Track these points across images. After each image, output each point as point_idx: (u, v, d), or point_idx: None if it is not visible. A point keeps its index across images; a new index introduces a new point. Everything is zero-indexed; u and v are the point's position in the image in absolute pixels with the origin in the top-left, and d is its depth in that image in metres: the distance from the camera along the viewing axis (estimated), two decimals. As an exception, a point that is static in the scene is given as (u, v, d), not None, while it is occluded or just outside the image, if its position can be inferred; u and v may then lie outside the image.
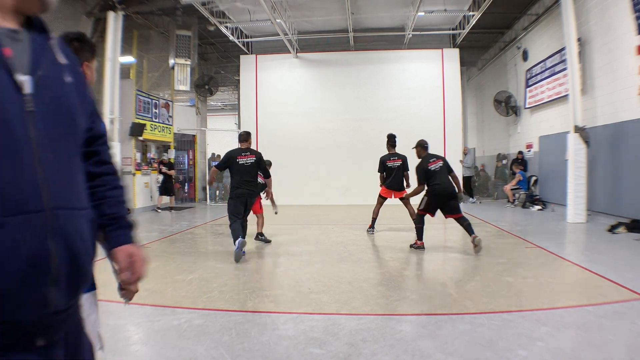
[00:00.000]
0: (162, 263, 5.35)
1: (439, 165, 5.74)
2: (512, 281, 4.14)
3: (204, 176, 14.68)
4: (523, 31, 11.92)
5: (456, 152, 12.85)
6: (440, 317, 3.28)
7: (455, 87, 13.00)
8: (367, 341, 2.84)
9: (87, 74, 1.53)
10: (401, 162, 7.07)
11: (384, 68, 13.14)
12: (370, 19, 12.21)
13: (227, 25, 11.84)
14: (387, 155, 7.17)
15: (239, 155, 5.45)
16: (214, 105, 21.58)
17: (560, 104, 9.88)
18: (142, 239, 6.12)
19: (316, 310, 3.51)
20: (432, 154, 5.96)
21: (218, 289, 4.07)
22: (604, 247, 5.86)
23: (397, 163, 7.05)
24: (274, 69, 13.55)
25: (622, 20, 7.47)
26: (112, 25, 8.97)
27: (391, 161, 7.08)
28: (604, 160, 8.28)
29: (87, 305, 1.46)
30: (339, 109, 13.17)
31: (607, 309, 3.33)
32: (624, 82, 7.50)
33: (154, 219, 9.74)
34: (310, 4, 10.99)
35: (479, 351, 2.65)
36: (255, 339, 2.90)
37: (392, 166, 7.07)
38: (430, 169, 5.70)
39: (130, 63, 11.47)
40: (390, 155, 7.15)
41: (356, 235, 7.34)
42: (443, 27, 12.78)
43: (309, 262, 5.25)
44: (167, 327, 3.13)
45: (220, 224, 8.95)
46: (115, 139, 9.10)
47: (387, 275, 4.60)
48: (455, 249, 6.34)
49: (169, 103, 13.08)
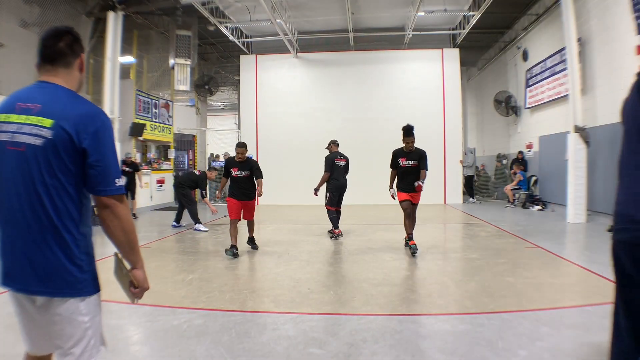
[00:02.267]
0: (162, 263, 5.35)
1: (343, 164, 7.04)
2: (512, 281, 4.13)
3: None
4: (523, 31, 11.92)
5: (456, 152, 12.88)
6: (440, 317, 3.28)
7: (455, 87, 13.00)
8: (367, 341, 2.84)
9: (82, 66, 1.55)
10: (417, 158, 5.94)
11: (384, 68, 13.14)
12: (370, 19, 12.21)
13: (227, 25, 11.84)
14: (399, 151, 5.96)
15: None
16: (214, 105, 21.59)
17: (560, 104, 9.88)
18: (142, 239, 6.08)
19: (316, 310, 3.51)
20: (340, 153, 7.15)
21: (218, 289, 4.07)
22: (604, 247, 5.84)
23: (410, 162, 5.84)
24: (274, 69, 13.55)
25: (622, 20, 7.46)
26: (112, 25, 8.97)
27: (403, 160, 5.87)
28: (604, 160, 8.27)
29: (92, 307, 1.47)
30: (339, 109, 13.17)
31: (607, 309, 3.30)
32: (624, 82, 7.48)
33: (153, 219, 9.73)
34: (310, 4, 10.99)
35: (479, 351, 2.65)
36: (255, 339, 2.90)
37: (405, 165, 5.84)
38: (335, 164, 6.93)
39: (130, 63, 11.46)
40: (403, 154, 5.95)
41: (356, 235, 7.34)
42: (443, 27, 12.78)
43: (309, 262, 5.25)
44: (167, 327, 3.13)
45: (221, 224, 8.95)
46: (115, 139, 9.09)
47: (387, 275, 4.60)
48: (455, 249, 6.34)
49: (169, 103, 13.08)
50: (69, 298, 1.40)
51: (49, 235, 1.38)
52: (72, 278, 1.40)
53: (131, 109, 10.98)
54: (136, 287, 1.53)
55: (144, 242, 6.66)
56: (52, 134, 1.36)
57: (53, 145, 1.36)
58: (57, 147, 1.36)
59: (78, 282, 1.42)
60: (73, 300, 1.41)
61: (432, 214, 10.31)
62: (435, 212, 10.79)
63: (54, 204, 1.38)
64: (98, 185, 1.41)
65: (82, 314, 1.42)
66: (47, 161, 1.36)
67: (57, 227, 1.38)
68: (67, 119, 1.38)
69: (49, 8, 8.75)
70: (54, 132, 1.36)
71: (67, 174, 1.39)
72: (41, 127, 1.37)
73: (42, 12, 8.71)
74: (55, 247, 1.38)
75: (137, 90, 11.40)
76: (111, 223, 1.43)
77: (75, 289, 1.41)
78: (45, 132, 1.36)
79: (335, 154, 7.13)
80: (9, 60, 8.11)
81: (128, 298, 1.57)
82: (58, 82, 1.48)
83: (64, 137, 1.36)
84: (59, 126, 1.36)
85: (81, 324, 1.42)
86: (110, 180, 1.41)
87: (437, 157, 12.87)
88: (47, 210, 1.37)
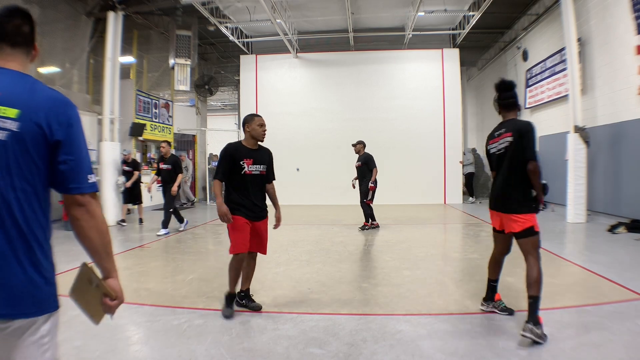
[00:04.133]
0: (162, 263, 5.35)
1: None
2: (512, 281, 4.13)
3: (204, 176, 14.68)
4: (523, 31, 11.92)
5: (456, 152, 12.89)
6: (440, 317, 3.28)
7: (455, 87, 13.01)
8: (367, 341, 2.84)
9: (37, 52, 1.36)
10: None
11: (384, 68, 13.14)
12: (370, 19, 12.21)
13: (227, 25, 11.84)
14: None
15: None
16: (214, 105, 21.58)
17: (560, 104, 9.88)
18: (144, 239, 6.11)
19: (316, 310, 3.51)
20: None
21: (218, 289, 4.07)
22: (604, 247, 5.85)
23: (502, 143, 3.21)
24: (274, 69, 13.56)
25: (622, 20, 7.46)
26: (112, 25, 8.97)
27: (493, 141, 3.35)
28: (604, 160, 8.28)
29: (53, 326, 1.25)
30: (339, 109, 13.18)
31: (607, 309, 3.33)
32: (624, 82, 7.50)
33: (154, 219, 9.73)
34: (310, 4, 10.99)
35: (479, 351, 2.65)
36: (255, 339, 2.90)
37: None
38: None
39: (130, 63, 11.46)
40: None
41: (356, 235, 7.34)
42: (443, 27, 12.79)
43: (309, 262, 5.25)
44: (167, 327, 3.13)
45: (220, 224, 8.95)
46: (115, 139, 9.10)
47: (387, 275, 4.59)
48: (455, 249, 6.34)
49: (169, 103, 13.09)
50: (33, 318, 1.19)
51: (18, 247, 1.17)
52: (40, 293, 1.20)
53: (131, 109, 10.98)
54: (113, 299, 1.31)
55: (144, 242, 6.67)
56: (19, 126, 1.16)
57: (20, 140, 1.16)
58: (25, 141, 1.16)
59: (45, 298, 1.22)
60: (36, 319, 1.20)
61: (432, 214, 10.31)
62: (435, 212, 10.79)
63: (22, 210, 1.17)
64: (71, 182, 1.23)
65: (43, 335, 1.21)
66: (15, 159, 1.16)
67: (26, 237, 1.18)
68: (35, 108, 1.19)
69: (49, 8, 8.73)
70: (21, 124, 1.16)
71: (35, 173, 1.19)
72: (5, 118, 1.16)
73: (42, 12, 8.69)
74: (25, 261, 1.17)
75: (137, 90, 11.41)
76: (86, 223, 1.25)
77: (41, 307, 1.21)
78: (10, 124, 1.16)
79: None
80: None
81: (91, 319, 1.32)
82: (17, 68, 1.26)
83: (34, 130, 1.17)
84: (27, 117, 1.17)
85: (41, 346, 1.20)
86: (83, 176, 1.25)
87: (437, 157, 12.90)
88: (14, 218, 1.16)
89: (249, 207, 3.39)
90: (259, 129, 3.45)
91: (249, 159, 3.37)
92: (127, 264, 5.22)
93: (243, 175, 3.35)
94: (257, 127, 3.44)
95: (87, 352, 2.70)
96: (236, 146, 3.44)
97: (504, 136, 3.11)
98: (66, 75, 9.80)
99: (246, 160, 3.36)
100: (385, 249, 6.08)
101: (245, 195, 3.38)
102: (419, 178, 12.73)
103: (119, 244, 6.57)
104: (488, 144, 3.30)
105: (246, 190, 3.38)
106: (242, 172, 3.34)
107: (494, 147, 3.21)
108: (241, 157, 3.36)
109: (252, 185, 3.41)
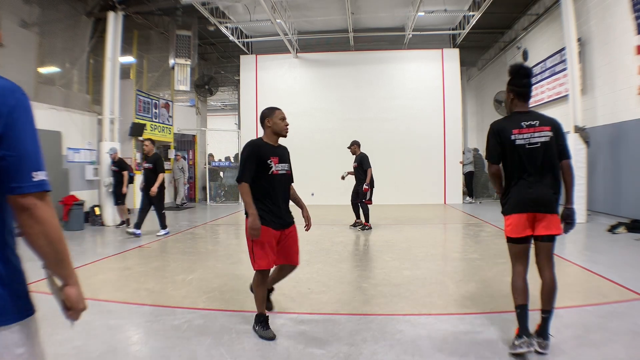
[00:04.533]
0: (162, 263, 5.35)
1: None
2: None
3: (204, 176, 14.68)
4: (523, 31, 11.92)
5: (456, 152, 12.88)
6: (441, 317, 3.28)
7: (455, 87, 13.00)
8: (367, 341, 2.84)
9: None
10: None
11: (384, 68, 13.14)
12: (370, 19, 12.22)
13: (227, 25, 11.84)
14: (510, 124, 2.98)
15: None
16: (214, 105, 21.58)
17: (560, 104, 9.87)
18: (143, 239, 6.08)
19: (316, 310, 3.51)
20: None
21: (218, 289, 4.07)
22: (604, 247, 5.85)
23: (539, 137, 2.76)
24: (274, 69, 13.55)
25: (622, 20, 7.46)
26: (112, 25, 8.97)
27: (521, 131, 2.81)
28: (604, 160, 8.28)
29: (29, 334, 1.15)
30: (338, 109, 13.18)
31: (607, 309, 3.33)
32: (624, 82, 7.50)
33: (154, 219, 9.72)
34: (310, 4, 10.99)
35: (478, 351, 2.65)
36: (255, 339, 2.90)
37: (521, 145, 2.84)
38: None
39: (130, 63, 11.47)
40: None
41: (356, 235, 7.34)
42: (443, 27, 12.79)
43: (309, 262, 5.24)
44: (167, 327, 3.13)
45: (220, 224, 8.95)
46: (115, 139, 9.10)
47: (387, 275, 4.59)
48: (455, 249, 6.34)
49: (169, 103, 13.08)
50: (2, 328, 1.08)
51: None
52: (5, 302, 1.09)
53: (131, 109, 10.98)
54: (69, 308, 1.21)
55: (144, 242, 6.66)
56: None
57: None
58: None
59: (13, 305, 1.10)
60: (6, 329, 1.08)
61: (432, 214, 10.31)
62: (436, 212, 10.78)
63: None
64: (12, 181, 1.06)
65: (17, 345, 1.10)
66: None
67: None
68: None
69: (49, 8, 8.74)
70: None
71: None
72: None
73: (42, 12, 8.70)
74: None
75: (137, 90, 11.41)
76: (31, 230, 1.08)
77: (9, 315, 1.09)
78: None
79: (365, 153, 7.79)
80: (9, 61, 8.11)
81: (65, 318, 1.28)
82: None
83: None
84: None
85: (17, 357, 1.10)
86: (25, 173, 1.07)
87: (437, 157, 12.89)
88: None
89: (277, 214, 2.95)
90: (281, 123, 3.09)
91: (274, 157, 2.96)
92: (127, 264, 5.22)
93: (270, 176, 2.91)
94: (279, 120, 3.09)
95: (87, 352, 2.70)
96: (259, 143, 3.01)
97: (542, 129, 2.65)
98: (66, 75, 9.80)
99: (273, 159, 2.94)
100: (385, 249, 6.08)
101: (273, 200, 2.94)
102: (419, 178, 12.73)
103: (119, 244, 6.58)
104: (511, 132, 2.66)
105: (274, 193, 2.95)
106: (270, 172, 2.91)
107: (524, 139, 2.64)
108: (267, 155, 2.93)
109: (280, 187, 2.99)
